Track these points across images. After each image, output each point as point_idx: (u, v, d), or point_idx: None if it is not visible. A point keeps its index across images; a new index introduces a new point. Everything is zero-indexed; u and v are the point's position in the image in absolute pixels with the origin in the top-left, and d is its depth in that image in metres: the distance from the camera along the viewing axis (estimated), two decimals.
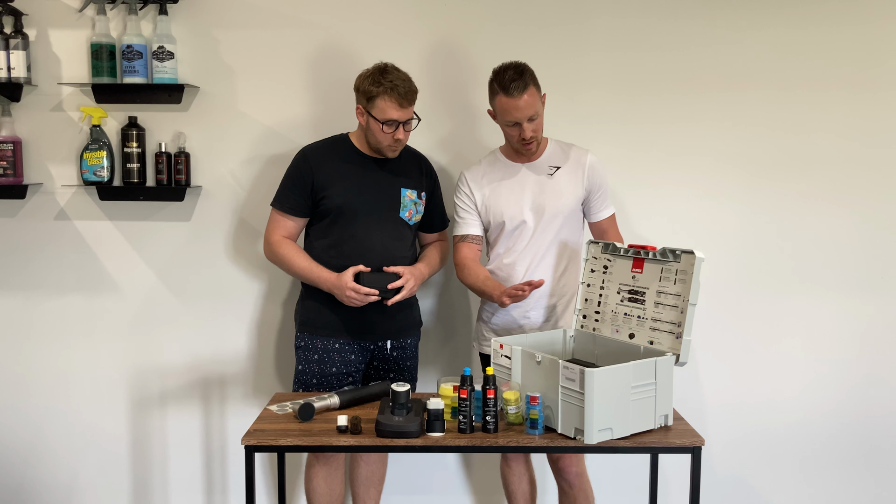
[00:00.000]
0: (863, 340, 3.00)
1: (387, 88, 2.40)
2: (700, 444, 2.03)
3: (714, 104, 2.89)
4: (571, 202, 2.52)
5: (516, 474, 2.69)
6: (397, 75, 2.43)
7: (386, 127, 2.43)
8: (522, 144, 2.47)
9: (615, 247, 2.33)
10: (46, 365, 2.98)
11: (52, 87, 2.85)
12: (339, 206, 2.51)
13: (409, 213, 2.57)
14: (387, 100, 2.40)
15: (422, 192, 2.61)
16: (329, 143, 2.60)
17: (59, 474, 3.04)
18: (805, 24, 2.86)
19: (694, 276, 2.10)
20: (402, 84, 2.41)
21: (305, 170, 2.53)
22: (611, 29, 2.87)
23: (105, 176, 2.83)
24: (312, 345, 2.58)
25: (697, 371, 2.99)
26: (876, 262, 2.96)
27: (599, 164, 2.56)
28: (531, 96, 2.39)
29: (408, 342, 2.66)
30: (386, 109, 2.41)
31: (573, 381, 1.97)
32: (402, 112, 2.43)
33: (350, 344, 2.56)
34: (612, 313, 2.32)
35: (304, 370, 2.59)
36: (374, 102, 2.42)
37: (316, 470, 2.58)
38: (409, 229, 2.60)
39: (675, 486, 2.82)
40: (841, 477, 3.06)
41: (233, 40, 2.86)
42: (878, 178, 2.93)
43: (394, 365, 2.64)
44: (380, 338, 2.58)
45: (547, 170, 2.54)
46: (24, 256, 2.94)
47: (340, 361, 2.56)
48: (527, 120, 2.41)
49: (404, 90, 2.41)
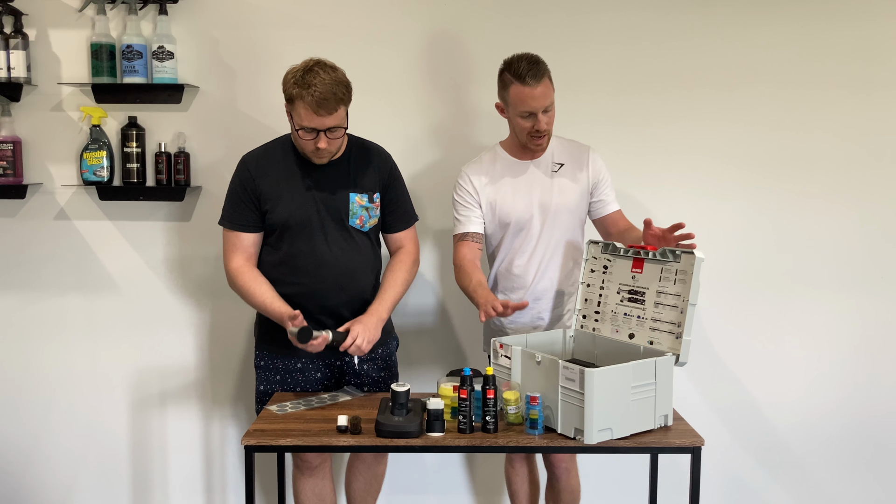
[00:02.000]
0: (863, 340, 3.00)
1: (301, 93, 2.15)
2: (700, 444, 2.02)
3: (714, 103, 2.89)
4: (576, 199, 2.49)
5: (520, 475, 2.69)
6: (321, 78, 2.15)
7: (304, 133, 2.21)
8: (533, 138, 2.39)
9: (615, 247, 2.33)
10: (46, 365, 2.98)
11: (52, 87, 2.85)
12: (284, 220, 2.32)
13: (360, 221, 2.38)
14: (302, 105, 2.17)
15: (374, 193, 2.40)
16: (269, 149, 2.40)
17: (59, 474, 3.04)
18: (806, 22, 2.86)
19: (694, 277, 2.10)
20: (322, 90, 2.14)
21: (248, 181, 2.34)
22: (610, 27, 2.87)
23: (105, 176, 2.83)
24: (273, 364, 2.43)
25: (697, 371, 2.98)
26: (876, 261, 2.96)
27: (602, 159, 2.54)
28: (546, 87, 2.33)
29: (378, 353, 2.47)
30: (302, 115, 2.18)
31: (573, 382, 1.97)
32: (318, 120, 2.18)
33: (314, 362, 2.41)
34: (612, 313, 2.32)
35: (265, 391, 2.44)
36: (293, 105, 2.21)
37: (302, 483, 2.49)
38: (365, 235, 2.40)
39: (675, 486, 2.82)
40: (841, 477, 3.06)
41: (233, 40, 2.86)
42: (879, 178, 2.93)
43: (367, 378, 2.47)
44: (343, 353, 2.34)
45: (551, 167, 2.50)
46: (24, 256, 2.94)
47: (304, 381, 2.42)
48: (542, 111, 2.34)
49: (321, 97, 2.14)
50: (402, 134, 2.88)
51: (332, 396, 2.38)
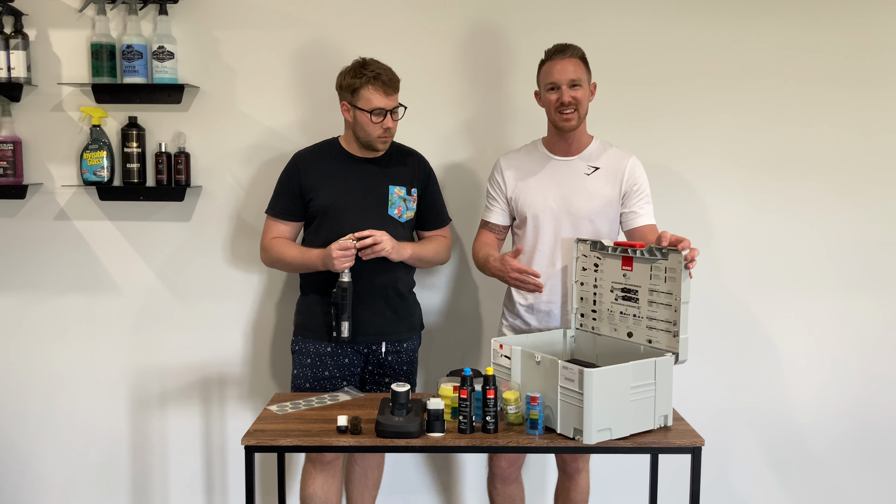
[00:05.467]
0: (865, 340, 3.00)
1: (370, 78, 2.41)
2: (700, 444, 2.02)
3: (715, 103, 2.89)
4: (602, 204, 2.44)
5: (501, 496, 2.62)
6: (378, 65, 2.44)
7: (374, 116, 2.43)
8: (560, 112, 2.39)
9: (603, 244, 2.32)
10: (46, 365, 2.98)
11: (52, 87, 2.85)
12: (325, 206, 2.51)
13: (398, 211, 2.55)
14: (371, 89, 2.41)
15: (412, 188, 2.58)
16: (318, 147, 2.61)
17: (59, 474, 3.04)
18: (807, 22, 2.86)
19: (683, 274, 2.09)
20: (384, 72, 2.42)
21: (293, 174, 2.56)
22: (610, 27, 2.86)
23: (105, 176, 2.83)
24: (305, 348, 2.57)
25: (697, 371, 2.98)
26: (878, 260, 2.96)
27: (640, 168, 2.49)
28: (574, 63, 2.38)
29: (404, 346, 2.61)
30: (371, 99, 2.42)
31: (572, 382, 1.97)
32: (387, 100, 2.43)
33: (342, 347, 2.54)
34: (608, 312, 2.32)
35: (298, 374, 2.57)
36: (358, 94, 2.43)
37: (313, 476, 2.54)
38: (402, 227, 2.56)
39: (676, 486, 2.82)
40: (842, 477, 3.06)
41: (233, 40, 2.86)
42: (881, 177, 2.93)
43: (388, 370, 2.60)
44: (373, 340, 2.54)
45: (584, 168, 2.47)
46: (24, 256, 2.94)
47: (333, 365, 2.54)
48: (567, 84, 2.37)
49: (388, 78, 2.42)
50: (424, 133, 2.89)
51: (332, 396, 2.39)
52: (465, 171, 2.91)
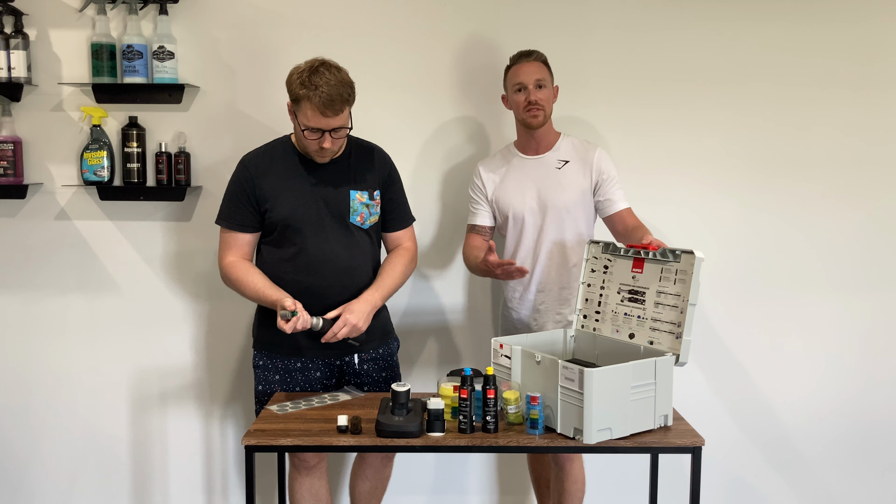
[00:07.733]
0: (864, 340, 3.00)
1: (309, 93, 2.16)
2: (700, 444, 2.02)
3: (715, 103, 2.89)
4: (576, 196, 2.55)
5: (541, 461, 2.78)
6: (327, 79, 2.16)
7: (309, 133, 2.23)
8: (527, 111, 2.50)
9: (615, 247, 2.33)
10: (46, 365, 2.99)
11: (53, 87, 2.86)
12: (284, 218, 2.33)
13: (360, 218, 2.39)
14: (309, 105, 2.17)
15: (374, 191, 2.41)
16: (269, 149, 2.41)
17: (59, 474, 3.04)
18: (807, 23, 2.86)
19: (694, 277, 2.10)
20: (329, 91, 2.15)
21: (246, 180, 2.34)
22: (611, 27, 2.87)
23: (105, 176, 2.83)
24: (272, 364, 2.42)
25: (698, 371, 2.98)
26: (878, 261, 2.96)
27: (606, 157, 2.59)
28: (537, 66, 2.51)
29: (379, 353, 2.48)
30: (309, 116, 2.19)
31: (572, 381, 1.97)
32: (324, 121, 2.19)
33: (313, 361, 2.41)
34: (613, 313, 2.32)
35: (264, 391, 2.43)
36: (299, 105, 2.21)
37: (299, 481, 2.47)
38: (366, 233, 2.41)
39: (676, 486, 2.82)
40: (842, 477, 3.06)
41: (233, 40, 2.86)
42: (881, 177, 2.93)
43: (367, 378, 2.47)
44: (344, 352, 2.40)
45: (555, 163, 2.58)
46: (24, 256, 2.94)
47: (304, 380, 2.42)
48: (534, 84, 2.48)
49: (330, 98, 2.15)
50: (400, 136, 2.89)
51: (332, 396, 2.38)
52: (467, 172, 2.90)
